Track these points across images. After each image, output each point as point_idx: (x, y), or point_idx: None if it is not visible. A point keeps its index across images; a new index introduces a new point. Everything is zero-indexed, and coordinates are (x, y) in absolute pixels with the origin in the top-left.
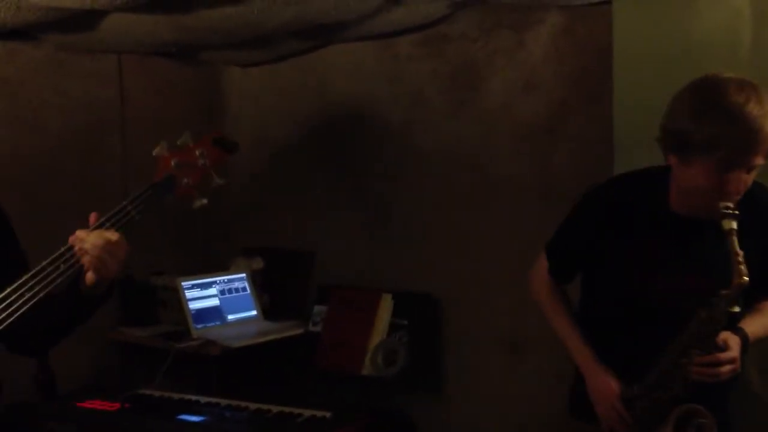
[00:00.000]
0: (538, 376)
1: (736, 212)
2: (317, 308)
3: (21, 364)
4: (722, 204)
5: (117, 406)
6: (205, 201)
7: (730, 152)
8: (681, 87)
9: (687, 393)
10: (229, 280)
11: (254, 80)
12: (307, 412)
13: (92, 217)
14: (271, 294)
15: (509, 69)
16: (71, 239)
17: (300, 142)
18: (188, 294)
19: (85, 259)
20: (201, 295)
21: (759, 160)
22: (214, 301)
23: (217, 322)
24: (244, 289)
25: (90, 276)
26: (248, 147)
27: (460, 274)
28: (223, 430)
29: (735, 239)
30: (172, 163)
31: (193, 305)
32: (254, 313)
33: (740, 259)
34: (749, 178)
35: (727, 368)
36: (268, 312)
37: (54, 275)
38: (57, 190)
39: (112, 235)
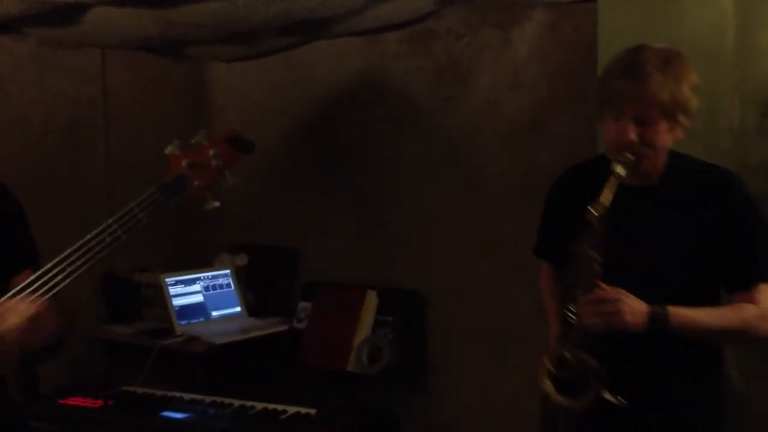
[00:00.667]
0: (523, 374)
1: (628, 160)
2: (302, 305)
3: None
4: (616, 155)
5: (100, 403)
6: (217, 204)
7: (616, 99)
8: None
9: (597, 347)
10: (213, 277)
11: (240, 76)
12: (292, 409)
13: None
14: (255, 291)
15: (495, 66)
16: None
17: (286, 138)
18: (172, 290)
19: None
20: (185, 292)
21: (645, 111)
22: (198, 298)
23: (201, 319)
24: (228, 285)
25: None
26: None
27: (445, 271)
28: (206, 427)
29: (615, 182)
30: (184, 163)
31: (177, 302)
32: (238, 309)
33: (607, 196)
34: (650, 133)
35: (609, 307)
36: (252, 309)
37: None
38: (39, 187)
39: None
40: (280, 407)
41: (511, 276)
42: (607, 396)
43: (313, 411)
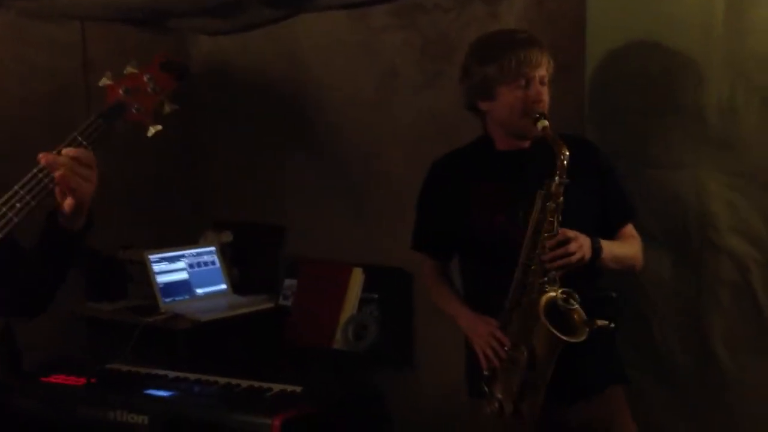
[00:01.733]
0: None
1: (545, 115)
2: (288, 282)
3: None
4: (534, 112)
5: (83, 381)
6: (159, 127)
7: (520, 64)
8: (653, 61)
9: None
10: (198, 254)
11: (224, 50)
12: (277, 387)
13: (41, 156)
14: (240, 268)
15: None
16: (40, 156)
17: (271, 113)
18: (156, 267)
19: (59, 174)
20: (169, 269)
21: (547, 71)
22: (183, 275)
23: (186, 296)
24: (213, 262)
25: (69, 202)
26: (217, 118)
27: None
28: (191, 404)
29: (553, 135)
30: (121, 90)
31: (161, 279)
32: (224, 287)
33: (562, 145)
34: (546, 94)
35: (573, 246)
36: (237, 286)
37: (30, 196)
38: (18, 161)
39: (80, 152)
40: (265, 385)
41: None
42: (600, 323)
43: (298, 388)
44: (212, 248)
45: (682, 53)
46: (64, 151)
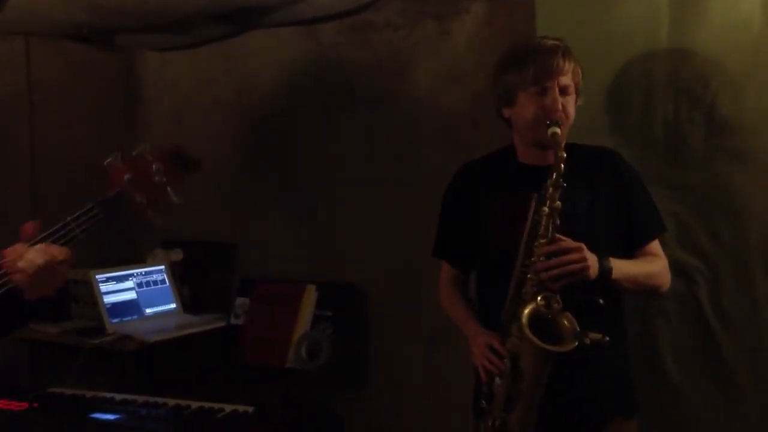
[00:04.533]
0: (463, 368)
1: (560, 123)
2: (239, 300)
3: None
4: (548, 120)
5: (25, 405)
6: (160, 222)
7: (539, 73)
8: (600, 78)
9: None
10: (147, 273)
11: (173, 66)
12: (229, 407)
13: (27, 228)
14: (191, 286)
15: (434, 59)
16: (6, 252)
17: (220, 130)
18: (103, 287)
19: (17, 278)
20: (117, 289)
21: (568, 80)
22: (131, 295)
23: (135, 317)
24: (162, 281)
25: (27, 293)
26: (165, 136)
27: (384, 265)
28: (138, 428)
29: (558, 141)
30: (125, 177)
31: (108, 299)
32: (173, 306)
33: (561, 153)
34: (568, 104)
35: (574, 256)
36: (188, 305)
37: None
38: None
39: (59, 252)
40: (216, 406)
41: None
42: (593, 336)
43: (250, 409)
44: (162, 267)
45: (628, 71)
46: (33, 252)
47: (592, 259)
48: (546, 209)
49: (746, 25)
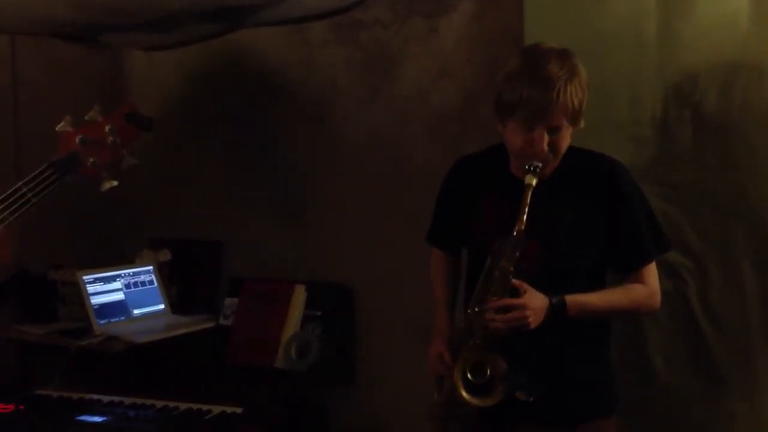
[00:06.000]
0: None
1: (538, 169)
2: (228, 301)
3: None
4: (527, 160)
5: (11, 408)
6: (115, 183)
7: (529, 111)
8: (590, 75)
9: (496, 344)
10: (135, 273)
11: (159, 65)
12: (217, 409)
13: None
14: (179, 287)
15: (422, 56)
16: None
17: (208, 130)
18: (90, 288)
19: None
20: (104, 290)
21: (559, 121)
22: (119, 296)
23: (122, 318)
24: (150, 282)
25: None
26: (154, 135)
27: (374, 263)
28: (126, 429)
29: (529, 194)
30: (77, 139)
31: (96, 300)
32: (162, 306)
33: (525, 210)
34: (559, 140)
35: (516, 314)
36: (176, 305)
37: None
38: None
39: None
40: (205, 407)
41: None
42: (519, 395)
43: (239, 410)
44: (149, 267)
45: (617, 68)
46: None
47: (537, 312)
48: (505, 267)
49: (734, 23)
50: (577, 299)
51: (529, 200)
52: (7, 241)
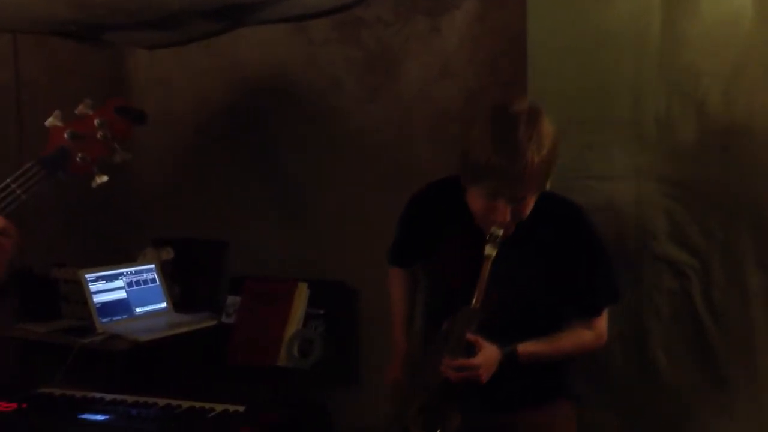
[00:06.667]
0: None
1: (498, 239)
2: (231, 299)
3: None
4: (491, 229)
5: (14, 406)
6: (105, 178)
7: (494, 181)
8: (592, 74)
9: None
10: (137, 272)
11: (162, 63)
12: (220, 407)
13: None
14: (182, 285)
15: (424, 55)
16: None
17: (211, 128)
18: (93, 287)
19: None
20: (107, 288)
21: (525, 193)
22: (121, 294)
23: (125, 316)
24: (153, 280)
25: None
26: (156, 133)
27: (376, 262)
28: (128, 428)
29: (488, 266)
30: (66, 135)
31: (98, 298)
32: (164, 305)
33: (483, 286)
34: (523, 207)
35: (469, 373)
36: (178, 304)
37: None
38: None
39: None
40: (207, 405)
41: None
42: None
43: (241, 408)
44: (152, 266)
45: (621, 66)
46: None
47: (490, 368)
48: (462, 334)
49: (738, 21)
50: (528, 349)
51: (488, 273)
52: (9, 233)
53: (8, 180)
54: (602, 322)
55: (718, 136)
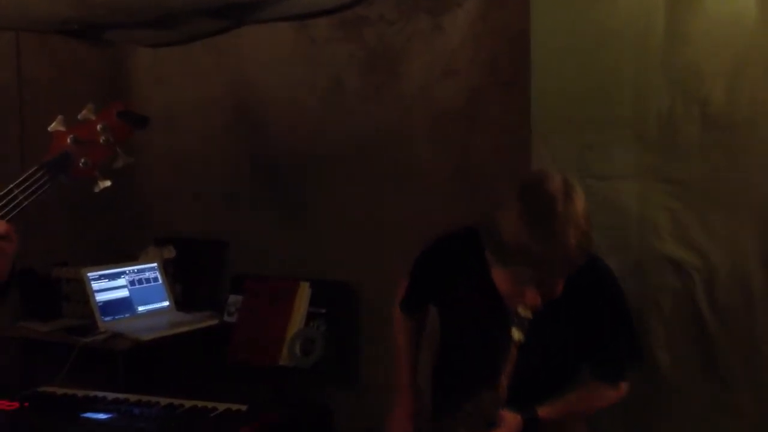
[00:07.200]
0: None
1: (526, 323)
2: (232, 298)
3: None
4: (519, 309)
5: (16, 405)
6: (108, 183)
7: (528, 270)
8: (595, 73)
9: None
10: (140, 270)
11: (164, 62)
12: (222, 406)
13: None
14: (183, 284)
15: (427, 53)
16: None
17: (213, 127)
18: (95, 285)
19: None
20: (109, 287)
21: (561, 278)
22: (124, 293)
23: (127, 315)
24: (155, 279)
25: None
26: (158, 132)
27: (378, 261)
28: (130, 427)
29: (515, 351)
30: (69, 139)
31: (101, 297)
32: (166, 304)
33: (509, 370)
34: (555, 290)
35: None
36: (180, 303)
37: None
38: None
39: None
40: (209, 405)
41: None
42: None
43: (243, 407)
44: (154, 264)
45: (623, 65)
46: None
47: (516, 425)
48: (490, 413)
49: (741, 19)
50: (547, 410)
51: (515, 358)
52: (10, 236)
53: (11, 185)
54: (624, 382)
55: (722, 133)
